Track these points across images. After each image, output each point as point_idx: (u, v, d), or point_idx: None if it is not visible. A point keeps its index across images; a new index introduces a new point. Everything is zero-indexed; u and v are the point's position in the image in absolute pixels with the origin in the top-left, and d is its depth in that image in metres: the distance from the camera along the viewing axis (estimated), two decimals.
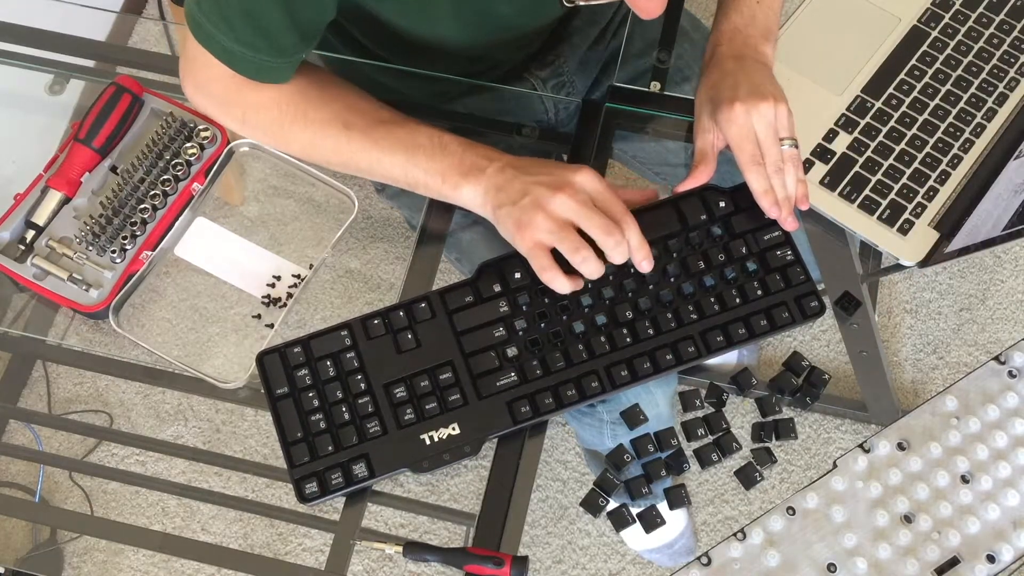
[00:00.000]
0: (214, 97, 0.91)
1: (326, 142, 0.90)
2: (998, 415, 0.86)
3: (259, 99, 0.90)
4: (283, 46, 0.85)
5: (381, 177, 0.91)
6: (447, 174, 0.87)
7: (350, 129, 0.89)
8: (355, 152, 0.90)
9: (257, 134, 0.93)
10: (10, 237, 0.96)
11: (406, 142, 0.88)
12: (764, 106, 0.86)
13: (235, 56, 0.84)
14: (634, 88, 1.03)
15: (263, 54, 0.84)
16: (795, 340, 0.95)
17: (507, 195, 0.84)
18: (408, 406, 0.84)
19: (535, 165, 0.85)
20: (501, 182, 0.84)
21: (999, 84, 1.00)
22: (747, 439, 0.88)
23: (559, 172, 0.83)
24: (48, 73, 1.10)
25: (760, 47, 0.94)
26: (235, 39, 0.83)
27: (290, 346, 0.86)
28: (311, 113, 0.90)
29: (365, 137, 0.89)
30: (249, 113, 0.91)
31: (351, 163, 0.91)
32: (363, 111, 0.90)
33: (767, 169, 0.86)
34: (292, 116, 0.90)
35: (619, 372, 0.85)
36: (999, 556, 0.82)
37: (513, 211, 0.83)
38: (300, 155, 0.94)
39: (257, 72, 0.87)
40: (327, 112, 0.90)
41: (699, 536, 1.01)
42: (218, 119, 0.95)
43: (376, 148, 0.89)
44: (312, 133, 0.90)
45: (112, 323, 0.94)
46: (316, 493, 0.83)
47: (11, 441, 1.05)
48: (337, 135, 0.89)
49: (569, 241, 0.81)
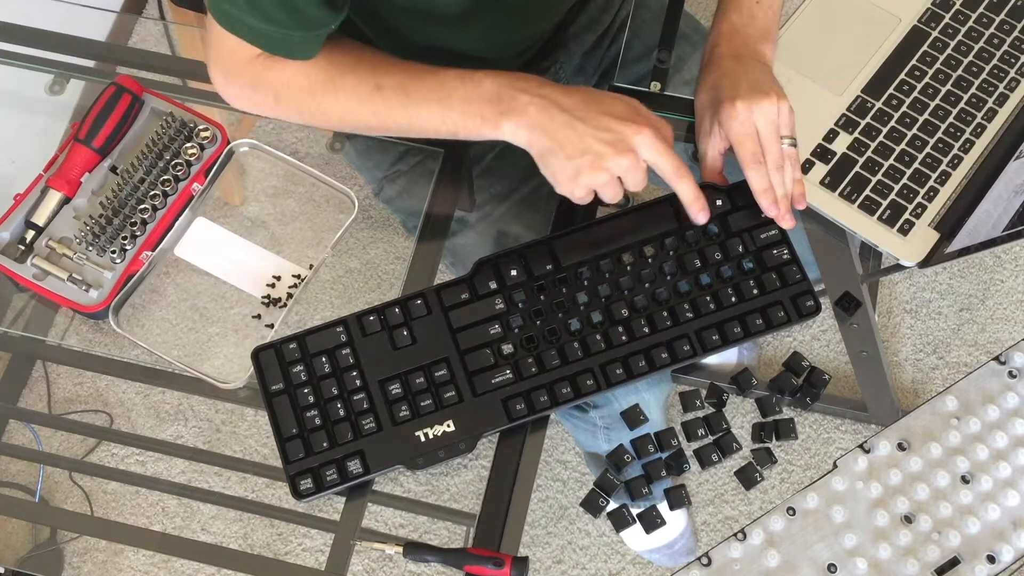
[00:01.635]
0: (244, 82, 0.91)
1: (361, 107, 0.89)
2: (998, 415, 0.86)
3: (289, 75, 0.89)
4: (310, 18, 0.84)
5: (421, 132, 0.89)
6: (486, 113, 0.85)
7: (382, 89, 0.88)
8: (392, 110, 0.88)
9: (292, 112, 0.92)
10: (10, 237, 0.96)
11: (438, 90, 0.87)
12: (766, 103, 0.86)
13: (263, 35, 0.84)
14: (634, 88, 1.03)
15: (291, 29, 0.84)
16: (795, 340, 0.95)
17: (559, 143, 0.82)
18: (403, 403, 0.84)
19: (582, 106, 0.83)
20: (547, 124, 0.83)
21: (999, 84, 1.00)
22: (747, 439, 0.88)
23: (618, 128, 0.82)
24: (48, 73, 1.10)
25: (759, 47, 0.94)
26: (262, 17, 0.83)
27: (286, 342, 0.87)
28: (339, 80, 0.89)
29: (398, 93, 0.88)
30: (281, 91, 0.90)
31: (390, 123, 0.90)
32: (390, 69, 0.89)
33: (767, 167, 0.86)
34: (323, 86, 0.89)
35: (614, 370, 0.85)
36: (999, 556, 0.82)
37: (568, 166, 0.82)
38: (339, 125, 0.93)
39: (287, 49, 0.86)
40: (356, 76, 0.89)
41: (699, 536, 1.01)
42: (250, 106, 0.94)
43: (411, 102, 0.87)
44: (346, 98, 0.89)
45: (112, 323, 0.94)
46: (311, 489, 0.83)
47: (11, 441, 1.05)
48: (371, 96, 0.88)
49: (615, 190, 0.83)
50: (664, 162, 0.83)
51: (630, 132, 0.82)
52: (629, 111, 0.84)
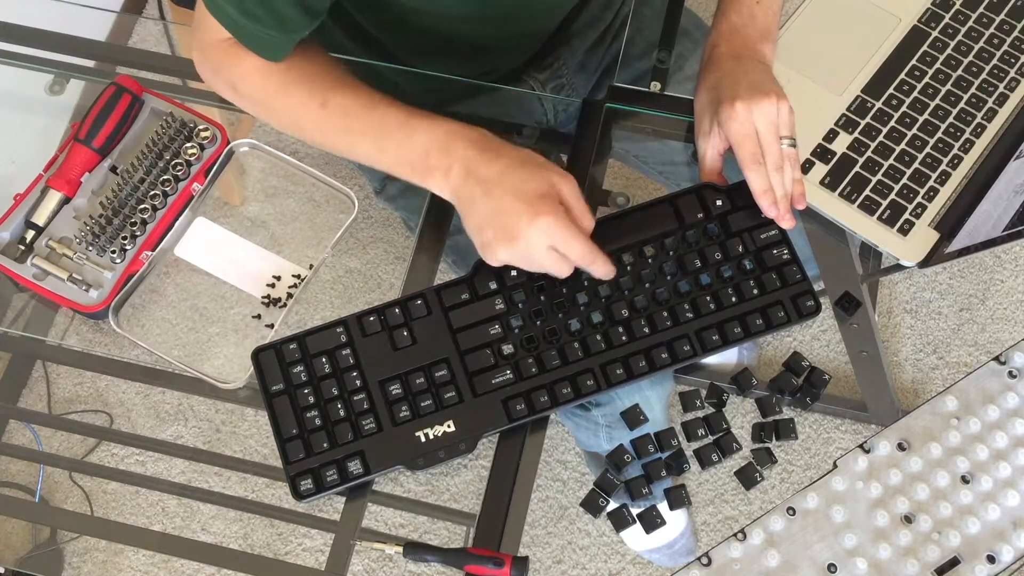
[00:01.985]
0: (209, 65, 0.91)
1: (306, 120, 0.89)
2: (998, 415, 0.86)
3: (247, 69, 0.89)
4: (287, 20, 0.84)
5: (359, 160, 0.90)
6: (415, 164, 0.85)
7: (327, 108, 0.87)
8: (335, 132, 0.88)
9: (247, 105, 0.92)
10: (10, 237, 0.96)
11: (376, 128, 0.86)
12: (766, 103, 0.86)
13: (239, 26, 0.85)
14: (634, 88, 1.03)
15: (267, 27, 0.84)
16: (795, 340, 0.95)
17: (467, 214, 0.83)
18: (403, 403, 0.84)
19: (497, 179, 0.81)
20: (461, 191, 0.83)
21: (999, 84, 1.00)
22: (747, 439, 0.88)
23: (514, 215, 0.79)
24: (48, 73, 1.10)
25: (759, 47, 0.94)
26: (241, 12, 0.83)
27: (286, 342, 0.87)
28: (292, 87, 0.89)
29: (341, 117, 0.87)
30: (238, 82, 0.90)
31: (331, 144, 0.90)
32: (342, 90, 0.88)
33: (767, 167, 0.86)
34: (276, 88, 0.89)
35: (615, 370, 0.85)
36: (999, 556, 0.82)
37: (474, 238, 0.83)
38: (288, 131, 0.93)
39: (258, 45, 0.87)
40: (308, 88, 0.88)
41: (699, 536, 1.01)
42: (213, 85, 0.94)
43: (351, 131, 0.87)
44: (293, 107, 0.89)
45: (112, 323, 0.94)
46: (311, 490, 0.83)
47: (11, 441, 1.05)
48: (317, 112, 0.88)
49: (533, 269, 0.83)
50: (568, 248, 0.80)
51: (524, 223, 0.79)
52: (538, 191, 0.80)
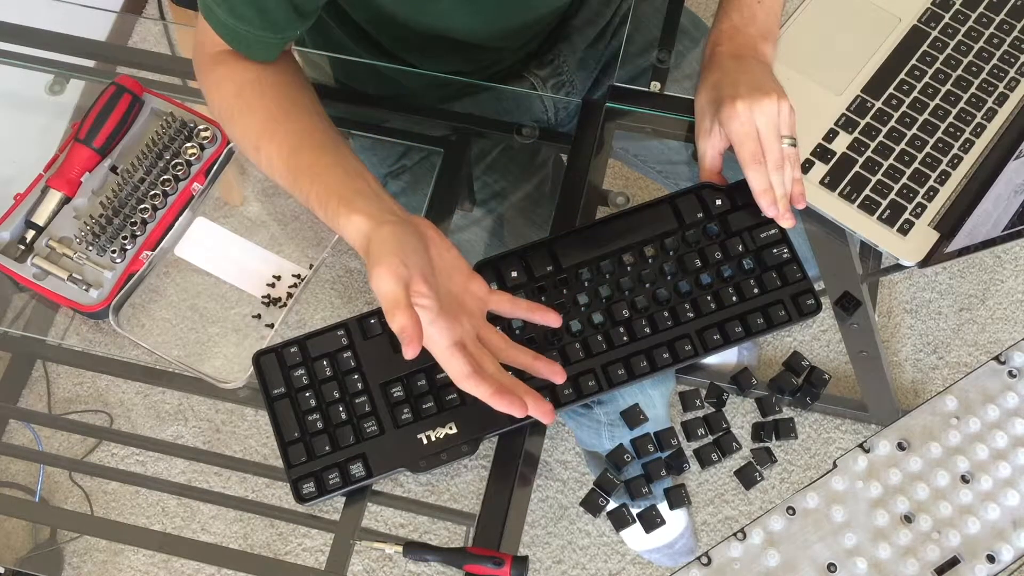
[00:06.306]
0: (195, 60, 0.91)
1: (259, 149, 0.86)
2: (998, 415, 0.86)
3: (224, 74, 0.88)
4: (276, 21, 0.84)
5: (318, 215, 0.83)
6: (356, 244, 0.78)
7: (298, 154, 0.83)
8: (278, 173, 0.85)
9: (214, 110, 0.90)
10: (10, 237, 0.96)
11: (323, 193, 0.80)
12: (767, 102, 0.86)
13: (228, 28, 0.84)
14: (634, 88, 1.03)
15: (254, 27, 0.84)
16: (795, 340, 0.95)
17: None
18: (405, 405, 0.84)
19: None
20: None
21: (999, 84, 1.00)
22: (747, 439, 0.88)
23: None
24: (48, 73, 1.10)
25: (760, 47, 0.94)
26: (230, 12, 0.83)
27: (287, 346, 0.86)
28: (238, 117, 0.87)
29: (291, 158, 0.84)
30: (211, 87, 0.89)
31: (276, 179, 0.86)
32: (300, 129, 0.85)
33: (767, 167, 0.86)
34: (242, 106, 0.87)
35: (616, 371, 0.85)
36: (999, 556, 0.82)
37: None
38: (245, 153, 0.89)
39: (246, 46, 0.86)
40: (264, 116, 0.85)
41: (699, 536, 1.01)
42: (198, 83, 0.92)
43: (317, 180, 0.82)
44: (247, 129, 0.86)
45: (112, 323, 0.94)
46: (313, 493, 0.83)
47: (11, 441, 1.05)
48: (268, 146, 0.85)
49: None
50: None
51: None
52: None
